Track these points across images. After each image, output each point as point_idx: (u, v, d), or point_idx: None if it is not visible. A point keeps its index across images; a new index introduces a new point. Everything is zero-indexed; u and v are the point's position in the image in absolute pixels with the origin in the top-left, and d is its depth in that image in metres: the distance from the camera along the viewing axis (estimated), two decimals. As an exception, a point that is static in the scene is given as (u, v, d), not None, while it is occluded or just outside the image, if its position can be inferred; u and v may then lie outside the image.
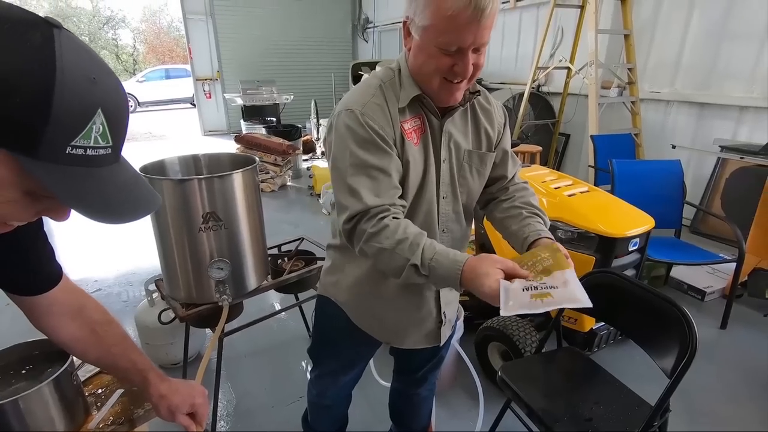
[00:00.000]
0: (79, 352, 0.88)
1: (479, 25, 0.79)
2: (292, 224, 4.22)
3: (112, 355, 0.86)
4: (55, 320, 0.83)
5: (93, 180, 0.47)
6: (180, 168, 1.67)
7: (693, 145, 3.89)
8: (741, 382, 2.12)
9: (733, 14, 3.53)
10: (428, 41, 0.84)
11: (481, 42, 0.83)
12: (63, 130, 0.42)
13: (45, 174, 0.44)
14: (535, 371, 1.57)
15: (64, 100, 0.41)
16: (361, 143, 0.89)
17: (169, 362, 2.14)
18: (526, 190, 1.12)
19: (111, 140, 0.47)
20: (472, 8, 0.77)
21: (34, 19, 0.43)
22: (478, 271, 0.79)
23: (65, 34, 0.44)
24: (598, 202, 2.11)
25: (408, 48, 0.92)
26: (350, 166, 0.89)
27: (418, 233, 0.86)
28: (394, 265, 0.86)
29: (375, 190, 0.88)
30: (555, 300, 0.75)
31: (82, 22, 19.25)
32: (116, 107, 0.47)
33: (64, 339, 0.85)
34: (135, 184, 0.54)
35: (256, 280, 1.68)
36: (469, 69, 0.85)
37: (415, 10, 0.83)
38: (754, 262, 2.69)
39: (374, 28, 9.10)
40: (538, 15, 5.38)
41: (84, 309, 0.86)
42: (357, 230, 0.89)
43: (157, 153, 1.59)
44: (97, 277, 3.17)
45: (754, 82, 3.48)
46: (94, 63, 0.46)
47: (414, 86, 0.92)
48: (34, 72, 0.40)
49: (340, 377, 1.28)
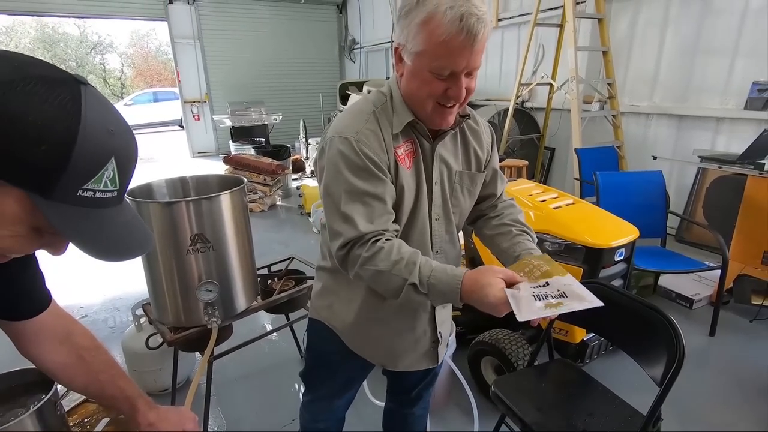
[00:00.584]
0: (66, 379, 0.86)
1: (472, 49, 0.81)
2: (282, 244, 4.20)
3: (99, 381, 0.85)
4: (42, 346, 0.82)
5: (97, 220, 0.51)
6: (167, 190, 1.67)
7: (674, 156, 3.99)
8: (732, 388, 2.13)
9: (704, 31, 3.68)
10: (421, 66, 0.85)
11: (474, 66, 0.84)
12: (78, 175, 0.47)
13: (55, 213, 0.48)
14: (528, 385, 1.56)
15: (83, 150, 0.46)
16: (355, 170, 0.89)
17: (157, 389, 2.09)
18: (514, 207, 1.14)
19: (119, 185, 0.52)
20: (465, 33, 0.78)
21: (64, 77, 0.48)
22: (481, 282, 0.79)
23: (90, 91, 0.49)
24: (583, 214, 2.15)
25: (400, 74, 0.92)
26: (344, 193, 0.89)
27: (412, 252, 0.86)
28: (393, 286, 0.86)
29: (369, 217, 0.88)
30: (565, 306, 0.76)
31: (69, 47, 19.27)
32: (127, 156, 0.53)
33: (50, 366, 0.83)
34: (134, 225, 0.58)
35: (245, 302, 1.67)
36: (462, 93, 0.86)
37: (407, 36, 0.84)
38: (739, 269, 2.73)
39: (361, 48, 9.27)
40: (519, 34, 5.54)
41: (72, 335, 0.85)
42: (351, 256, 0.89)
43: (145, 176, 1.59)
44: (83, 303, 3.11)
45: (728, 95, 3.61)
46: (112, 116, 0.51)
47: (407, 111, 0.93)
48: (60, 125, 0.45)
49: (334, 401, 1.26)
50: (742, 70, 3.49)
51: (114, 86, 20.94)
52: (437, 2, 0.79)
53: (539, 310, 0.75)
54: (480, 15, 0.79)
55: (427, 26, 0.80)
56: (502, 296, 0.77)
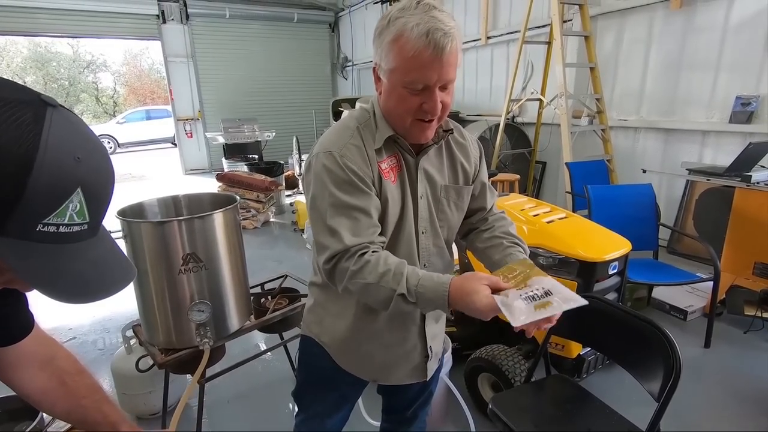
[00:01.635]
0: (47, 405, 0.83)
1: (441, 62, 0.83)
2: (276, 261, 4.17)
3: (82, 407, 0.82)
4: (22, 372, 0.79)
5: (63, 257, 0.46)
6: (159, 210, 1.66)
7: (662, 168, 4.05)
8: (729, 399, 2.12)
9: (687, 47, 3.79)
10: (395, 83, 0.88)
11: (447, 79, 0.87)
12: (35, 208, 0.42)
13: (10, 250, 0.42)
14: (526, 401, 1.55)
15: (41, 179, 0.41)
16: (340, 184, 0.91)
17: (147, 412, 2.03)
18: (505, 220, 1.15)
19: (88, 217, 0.46)
20: (432, 47, 0.81)
21: (29, 98, 0.43)
22: (466, 289, 0.81)
23: (59, 113, 0.44)
24: (576, 228, 2.16)
25: (379, 92, 0.96)
26: (330, 207, 0.91)
27: (399, 263, 0.87)
28: (381, 297, 0.86)
29: (354, 230, 0.89)
30: (555, 306, 0.79)
31: (62, 66, 19.30)
32: (98, 185, 0.47)
33: (31, 392, 0.81)
34: (110, 259, 0.52)
35: (238, 321, 1.65)
36: (437, 106, 0.88)
37: (381, 55, 0.88)
38: (730, 280, 2.76)
39: (353, 66, 9.39)
40: (508, 51, 5.65)
41: (54, 359, 0.83)
42: (338, 269, 0.90)
43: (137, 194, 1.58)
44: (71, 324, 3.05)
45: (712, 108, 3.69)
46: (84, 141, 0.46)
47: (387, 127, 0.96)
48: (13, 151, 0.40)
49: (327, 420, 1.24)
50: (726, 85, 3.58)
51: (107, 104, 20.94)
52: (405, 20, 0.83)
53: (531, 313, 0.77)
54: (447, 30, 0.82)
55: (396, 43, 0.84)
56: (488, 303, 0.79)
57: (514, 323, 0.77)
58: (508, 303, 0.79)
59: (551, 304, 0.79)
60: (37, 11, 7.11)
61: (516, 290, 0.82)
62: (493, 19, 5.77)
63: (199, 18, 8.34)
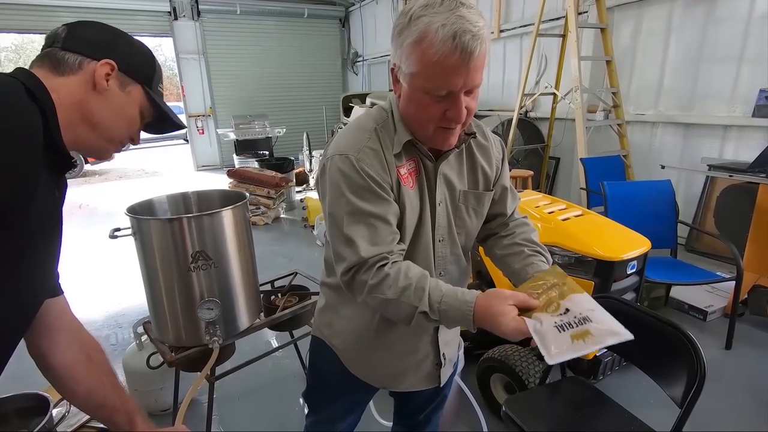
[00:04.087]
0: (71, 383, 0.81)
1: (468, 67, 0.75)
2: (286, 257, 4.17)
3: (103, 386, 0.82)
4: (56, 339, 0.80)
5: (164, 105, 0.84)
6: (169, 206, 1.65)
7: (681, 164, 3.94)
8: (752, 403, 2.05)
9: (708, 39, 3.66)
10: (417, 88, 0.81)
11: (473, 84, 0.79)
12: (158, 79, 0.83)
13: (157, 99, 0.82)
14: (541, 404, 1.51)
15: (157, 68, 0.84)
16: (357, 191, 0.85)
17: (158, 409, 2.04)
18: (527, 226, 1.08)
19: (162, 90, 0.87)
20: (459, 52, 0.73)
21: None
22: (492, 311, 0.76)
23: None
24: (593, 226, 2.10)
25: (398, 95, 0.88)
26: (347, 215, 0.86)
27: (420, 276, 0.83)
28: (403, 314, 0.83)
29: (372, 239, 0.84)
30: (596, 338, 0.71)
31: (76, 64, 19.58)
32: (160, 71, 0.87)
33: (60, 364, 0.80)
34: None
35: (247, 319, 1.63)
36: (462, 113, 0.81)
37: (401, 57, 0.81)
38: (753, 280, 2.67)
39: (363, 61, 9.34)
40: (521, 44, 5.55)
41: (80, 332, 0.85)
42: (356, 282, 0.86)
43: (148, 190, 1.57)
44: (85, 319, 3.05)
45: (734, 102, 3.57)
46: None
47: (405, 132, 0.89)
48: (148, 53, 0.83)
49: (338, 423, 1.21)
50: (749, 77, 3.45)
51: (120, 101, 21.20)
52: (429, 20, 0.74)
53: (568, 347, 0.70)
54: (475, 31, 0.73)
55: (419, 46, 0.76)
56: (515, 326, 0.74)
57: (549, 360, 0.70)
58: (541, 332, 0.72)
59: (590, 335, 0.70)
60: (54, 9, 7.22)
61: (550, 315, 0.75)
62: (505, 12, 5.66)
63: (210, 14, 8.36)
